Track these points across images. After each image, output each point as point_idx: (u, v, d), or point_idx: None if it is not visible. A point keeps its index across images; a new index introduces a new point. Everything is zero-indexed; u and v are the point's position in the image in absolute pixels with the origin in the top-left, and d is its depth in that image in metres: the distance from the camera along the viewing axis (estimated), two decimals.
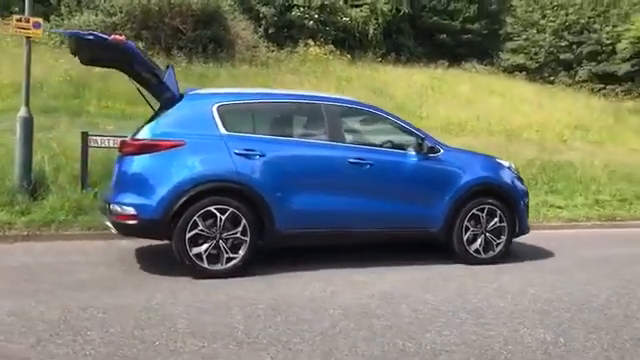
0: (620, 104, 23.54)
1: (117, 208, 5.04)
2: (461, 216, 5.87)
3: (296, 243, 5.47)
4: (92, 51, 5.50)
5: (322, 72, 20.98)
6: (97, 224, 6.79)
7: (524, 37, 27.74)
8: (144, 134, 5.11)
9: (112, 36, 5.10)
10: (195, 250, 4.99)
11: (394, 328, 3.93)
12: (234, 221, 5.07)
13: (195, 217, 4.97)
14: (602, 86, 25.54)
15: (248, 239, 5.10)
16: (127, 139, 5.23)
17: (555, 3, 27.03)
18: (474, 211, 5.92)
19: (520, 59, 27.70)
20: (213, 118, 5.24)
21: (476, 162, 6.16)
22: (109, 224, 5.23)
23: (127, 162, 5.09)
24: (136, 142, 5.07)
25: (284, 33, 22.56)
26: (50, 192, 7.23)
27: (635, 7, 25.30)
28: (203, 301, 4.38)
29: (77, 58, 5.95)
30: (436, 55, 26.32)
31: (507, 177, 6.23)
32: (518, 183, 6.33)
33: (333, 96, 6.25)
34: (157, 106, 6.35)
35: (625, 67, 24.83)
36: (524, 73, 27.01)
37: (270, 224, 5.18)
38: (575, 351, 3.63)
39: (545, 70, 27.23)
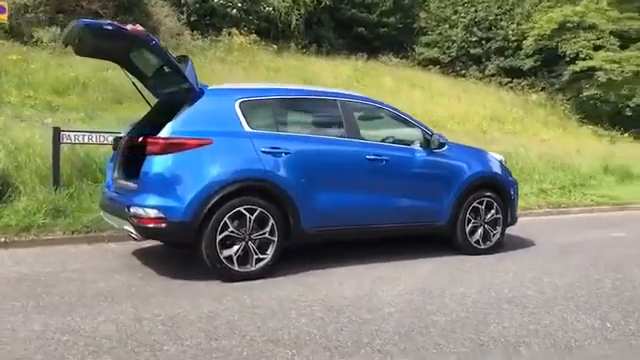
0: (526, 97, 25.29)
1: (141, 211, 4.73)
2: (464, 209, 6.10)
3: (318, 241, 5.42)
4: (101, 42, 5.09)
5: (250, 62, 20.73)
6: (79, 227, 6.36)
7: (437, 32, 28.91)
8: (168, 132, 4.81)
9: (131, 27, 4.74)
10: (226, 253, 4.81)
11: (457, 322, 4.03)
12: (262, 221, 4.94)
13: (225, 218, 4.79)
14: (509, 80, 27.23)
15: (276, 239, 4.99)
16: (154, 137, 4.85)
17: (465, 0, 28.34)
18: (475, 204, 6.17)
19: (434, 53, 28.86)
20: (236, 115, 5.06)
21: (475, 156, 6.41)
22: (128, 228, 4.89)
23: (152, 162, 4.77)
24: (162, 141, 4.76)
25: (206, 21, 22.00)
26: (20, 193, 6.62)
27: (536, 7, 27.12)
28: (254, 306, 4.24)
29: (73, 48, 5.49)
30: (355, 47, 26.79)
31: (501, 170, 6.55)
32: (509, 175, 6.67)
33: (346, 92, 6.23)
34: (153, 101, 6.07)
35: (529, 62, 26.62)
36: (438, 67, 28.19)
37: (296, 223, 5.10)
38: (629, 334, 3.91)
39: (457, 64, 28.56)
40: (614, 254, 6.54)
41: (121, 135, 5.95)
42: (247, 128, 5.05)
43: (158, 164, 4.74)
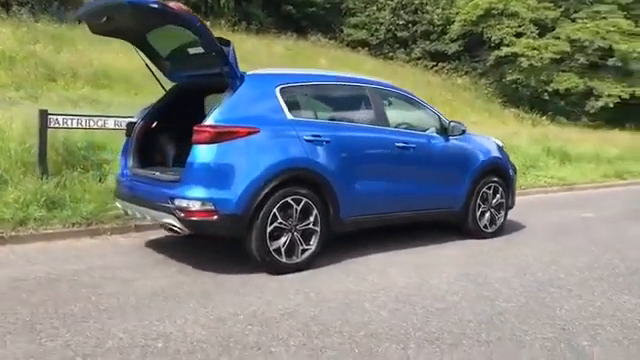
0: (452, 81, 26.30)
1: (189, 204, 4.46)
2: (475, 194, 6.29)
3: (352, 230, 5.38)
4: (135, 20, 4.69)
5: None
6: (78, 219, 5.90)
7: (365, 14, 29.24)
8: (214, 120, 4.54)
9: (175, 5, 4.39)
10: (274, 244, 4.66)
11: (523, 308, 4.17)
12: (306, 211, 4.84)
13: (275, 209, 4.63)
14: (435, 64, 28.14)
15: (319, 229, 4.91)
16: (202, 126, 4.55)
17: None
18: (484, 189, 6.38)
19: (362, 35, 29.21)
20: (278, 102, 4.88)
21: (484, 143, 6.60)
22: (170, 221, 4.59)
23: (200, 152, 4.49)
24: (211, 129, 4.49)
25: None
26: (4, 183, 6.01)
27: None
28: (324, 299, 4.16)
29: (91, 25, 5.04)
30: (283, 26, 26.61)
31: (504, 156, 6.79)
32: (508, 160, 6.94)
33: (370, 78, 6.16)
34: (168, 85, 5.73)
35: (454, 47, 27.68)
36: (366, 49, 28.57)
37: (335, 212, 5.04)
38: None
39: (385, 47, 29.10)
40: (601, 234, 7.01)
41: (134, 120, 5.55)
42: (289, 116, 4.89)
43: (207, 154, 4.48)
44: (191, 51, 5.05)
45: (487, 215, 6.45)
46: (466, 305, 4.18)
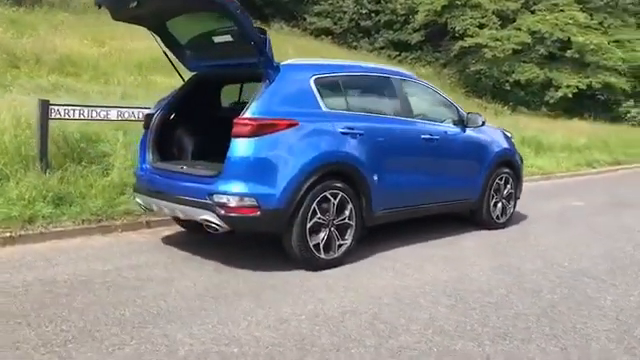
0: (416, 71, 26.47)
1: (230, 199, 4.27)
2: (489, 185, 6.34)
3: (381, 223, 5.30)
4: (166, 6, 4.45)
5: None
6: (88, 216, 5.61)
7: (329, 2, 29.06)
8: (254, 112, 4.35)
9: None
10: (314, 240, 4.55)
11: (571, 299, 4.21)
12: (342, 205, 4.73)
13: (314, 204, 4.51)
14: (398, 53, 28.30)
15: (354, 223, 4.82)
16: (243, 118, 4.35)
17: None
18: (497, 180, 6.43)
19: (326, 23, 29.05)
20: (313, 93, 4.74)
21: (497, 134, 6.63)
22: (208, 218, 4.38)
23: (241, 145, 4.30)
24: (253, 122, 4.30)
25: None
26: (7, 179, 5.63)
27: None
28: (376, 296, 4.07)
29: (113, 10, 4.76)
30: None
31: (512, 146, 6.85)
32: (517, 151, 7.01)
33: (396, 69, 6.06)
34: (187, 74, 5.49)
35: (416, 37, 27.87)
36: (330, 37, 28.44)
37: (368, 205, 4.96)
38: None
39: (348, 35, 29.03)
40: (600, 223, 7.20)
41: (152, 112, 5.29)
42: (324, 107, 4.76)
43: (248, 148, 4.30)
44: (216, 39, 4.84)
45: (499, 206, 6.51)
46: (515, 298, 4.18)
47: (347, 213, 4.77)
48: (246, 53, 4.63)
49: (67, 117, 6.05)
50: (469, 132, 6.11)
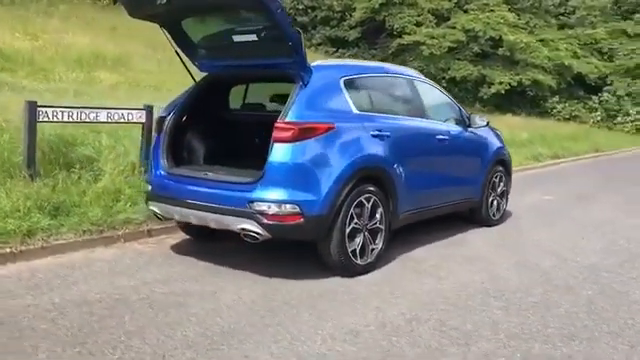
0: None
1: (271, 207, 4.08)
2: (488, 183, 6.47)
3: (401, 225, 5.27)
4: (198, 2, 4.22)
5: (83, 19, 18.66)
6: (89, 226, 5.21)
7: None
8: (294, 116, 4.18)
9: None
10: (351, 246, 4.45)
11: (607, 294, 4.36)
12: (374, 209, 4.67)
13: (352, 209, 4.41)
14: (335, 49, 28.42)
15: (384, 226, 4.77)
16: (282, 122, 4.15)
17: None
18: (493, 178, 6.58)
19: None
20: (344, 95, 4.63)
21: (491, 134, 6.76)
22: (250, 227, 4.16)
23: (282, 150, 4.12)
24: (295, 126, 4.12)
25: None
26: None
27: None
28: (435, 302, 4.04)
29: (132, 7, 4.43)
30: None
31: (503, 144, 7.01)
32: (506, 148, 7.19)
33: (407, 69, 6.02)
34: (198, 75, 5.22)
35: (353, 34, 28.10)
36: None
37: (394, 208, 4.92)
38: None
39: None
40: (580, 216, 7.54)
41: (164, 115, 4.98)
42: (354, 110, 4.66)
43: (290, 153, 4.13)
44: (237, 39, 4.62)
45: (495, 203, 6.66)
46: (556, 297, 4.27)
47: (378, 217, 4.70)
48: (272, 53, 4.46)
49: (56, 120, 5.58)
50: (471, 131, 6.20)
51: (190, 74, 5.14)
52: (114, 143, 6.65)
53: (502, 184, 6.78)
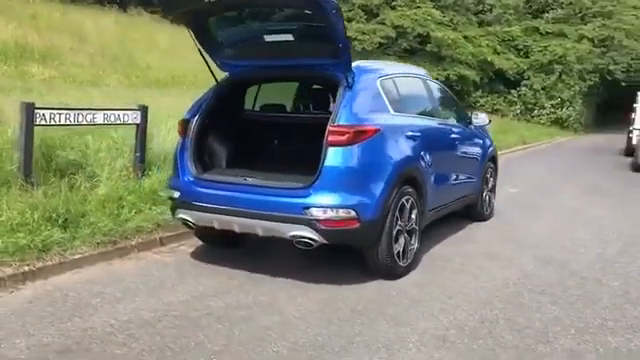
0: None
1: (327, 212, 3.97)
2: (484, 179, 6.67)
3: (425, 224, 5.30)
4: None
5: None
6: (102, 238, 4.86)
7: None
8: (346, 119, 4.08)
9: None
10: (396, 248, 4.44)
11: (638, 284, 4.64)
12: (411, 210, 4.68)
13: (397, 211, 4.40)
14: None
15: (418, 226, 4.80)
16: (336, 126, 4.03)
17: None
18: (486, 174, 6.79)
19: None
20: (382, 96, 4.59)
21: (484, 131, 6.94)
22: (305, 233, 4.02)
23: (337, 154, 4.01)
24: (350, 129, 4.03)
25: None
26: None
27: None
28: (485, 302, 4.11)
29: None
30: None
31: (492, 141, 7.23)
32: None
33: (415, 67, 6.02)
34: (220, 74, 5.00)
35: None
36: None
37: (424, 208, 4.95)
38: None
39: None
40: (554, 208, 7.97)
41: (188, 117, 4.71)
42: (392, 111, 4.64)
43: (345, 156, 4.04)
44: (269, 38, 4.47)
45: (487, 198, 6.87)
46: (592, 289, 4.47)
47: (414, 217, 4.71)
48: (312, 53, 4.36)
49: (53, 122, 5.12)
50: (472, 129, 6.36)
51: (211, 71, 4.88)
52: (100, 145, 6.22)
53: (492, 179, 7.01)
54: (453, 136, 5.70)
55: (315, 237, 4.03)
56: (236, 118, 5.13)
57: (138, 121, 5.92)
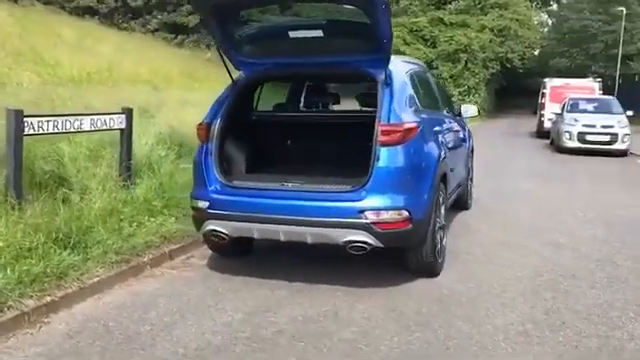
0: (203, 55, 25.60)
1: (383, 214, 3.83)
2: (469, 169, 6.81)
3: None
4: None
5: None
6: (114, 257, 4.40)
7: None
8: (395, 117, 3.94)
9: None
10: (436, 245, 4.39)
11: None
12: (442, 206, 4.65)
13: (436, 208, 4.35)
14: (174, 36, 27.07)
15: (444, 222, 4.79)
16: (387, 125, 3.86)
17: None
18: (469, 164, 6.93)
19: (88, 2, 26.25)
20: (412, 92, 4.50)
21: (463, 122, 7.04)
22: (360, 238, 3.83)
23: (391, 154, 3.86)
24: (401, 127, 3.89)
25: None
26: None
27: None
28: (535, 290, 4.17)
29: None
30: None
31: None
32: None
33: (416, 60, 5.94)
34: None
35: (193, 19, 26.91)
36: (96, 17, 25.82)
37: (447, 202, 4.95)
38: None
39: (116, 16, 26.72)
40: (522, 194, 8.30)
41: (208, 121, 4.35)
42: (420, 107, 4.57)
43: (397, 156, 3.91)
44: (294, 34, 4.23)
45: (470, 187, 7.02)
46: (614, 272, 4.66)
47: (443, 212, 4.68)
48: (347, 50, 4.20)
49: (41, 131, 4.54)
50: (460, 120, 6.44)
51: (227, 68, 4.54)
52: (77, 153, 5.64)
53: (471, 169, 7.16)
54: (455, 128, 5.75)
55: (371, 241, 3.87)
56: (250, 119, 4.84)
57: (123, 126, 5.42)
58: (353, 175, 4.03)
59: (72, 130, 4.86)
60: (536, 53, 39.79)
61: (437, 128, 4.75)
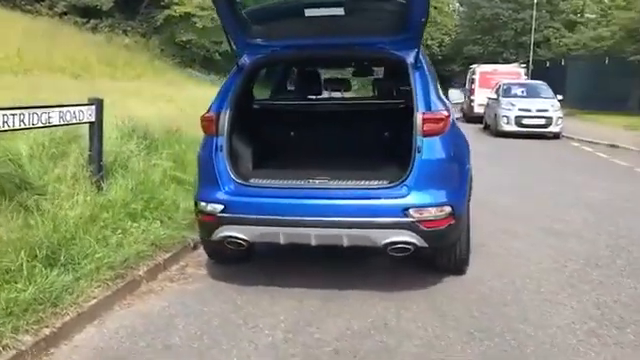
0: (120, 40, 24.06)
1: (427, 212, 3.47)
2: None
3: None
4: None
5: None
6: (107, 273, 3.78)
7: None
8: (436, 105, 3.59)
9: None
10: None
11: None
12: None
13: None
14: (86, 20, 25.30)
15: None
16: (430, 114, 3.48)
17: None
18: None
19: None
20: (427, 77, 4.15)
21: None
22: (405, 238, 3.45)
23: (434, 144, 3.51)
24: (445, 116, 3.54)
25: None
26: None
27: None
28: (567, 283, 4.01)
29: None
30: None
31: None
32: None
33: None
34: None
35: (107, 3, 25.31)
36: None
37: None
38: None
39: None
40: (492, 179, 8.21)
41: (215, 111, 3.79)
42: (441, 94, 4.24)
43: (439, 147, 3.57)
44: (310, 12, 3.76)
45: None
46: (629, 256, 4.63)
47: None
48: (367, 31, 3.80)
49: (7, 127, 3.77)
50: None
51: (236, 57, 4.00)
52: (32, 151, 4.86)
53: None
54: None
55: (416, 241, 3.50)
56: (251, 108, 4.32)
57: (93, 119, 4.71)
58: (377, 168, 3.67)
59: (40, 125, 4.12)
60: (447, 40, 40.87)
61: (455, 116, 4.46)
